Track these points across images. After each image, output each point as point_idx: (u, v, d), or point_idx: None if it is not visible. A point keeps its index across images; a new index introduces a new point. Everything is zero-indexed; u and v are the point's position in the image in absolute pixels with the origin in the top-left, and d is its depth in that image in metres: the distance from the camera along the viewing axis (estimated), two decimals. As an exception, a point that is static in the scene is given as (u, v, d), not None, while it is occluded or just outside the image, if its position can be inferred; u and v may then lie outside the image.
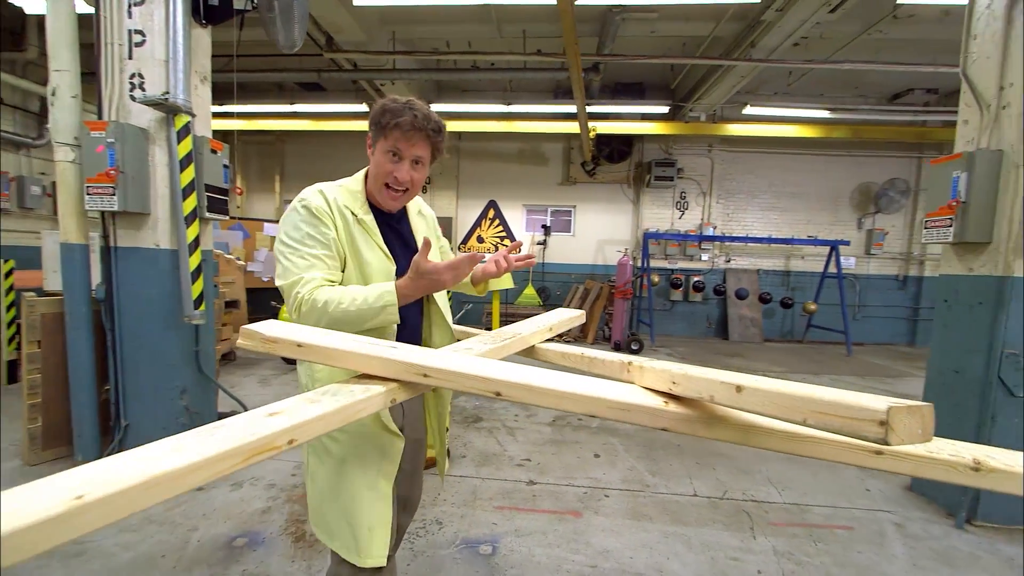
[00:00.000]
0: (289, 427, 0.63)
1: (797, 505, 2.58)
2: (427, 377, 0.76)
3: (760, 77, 7.15)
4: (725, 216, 8.86)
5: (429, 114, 1.13)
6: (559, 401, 0.71)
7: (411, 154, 1.14)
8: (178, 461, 0.52)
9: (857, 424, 0.47)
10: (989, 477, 0.62)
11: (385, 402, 0.76)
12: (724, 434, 0.67)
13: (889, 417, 0.44)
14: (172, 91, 2.57)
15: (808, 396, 0.51)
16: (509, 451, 3.18)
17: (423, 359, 0.77)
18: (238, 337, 0.84)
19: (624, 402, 0.69)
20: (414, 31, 6.19)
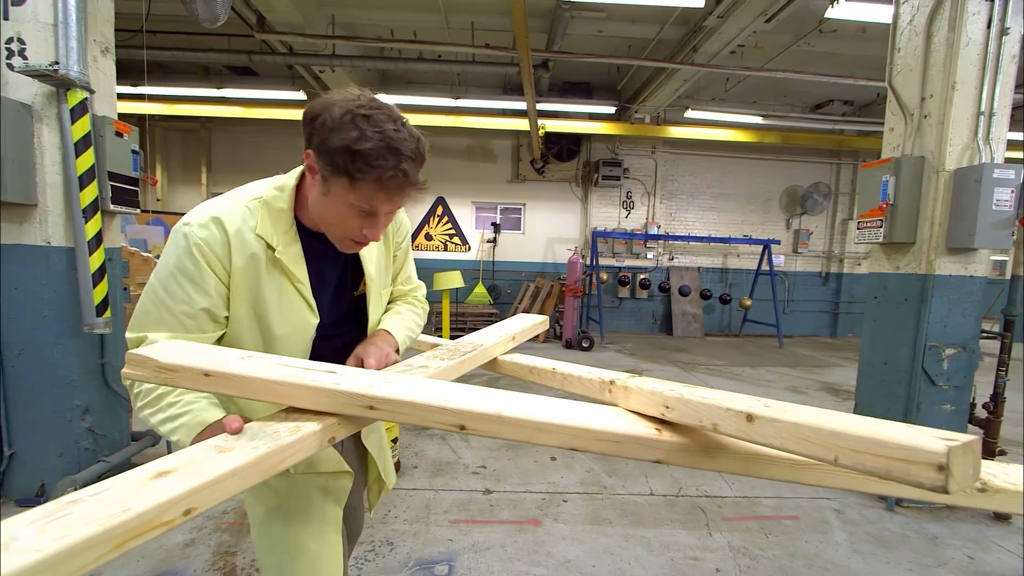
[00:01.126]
0: (184, 493, 0.47)
1: (747, 498, 2.65)
2: (374, 410, 0.62)
3: (700, 82, 7.43)
4: (668, 216, 9.17)
5: (417, 149, 0.80)
6: (535, 434, 0.60)
7: (389, 209, 0.83)
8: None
9: (907, 467, 0.39)
10: (996, 498, 0.58)
11: (321, 443, 0.62)
12: (728, 465, 0.59)
13: (950, 460, 0.37)
14: (63, 61, 2.19)
15: (839, 431, 0.43)
16: (464, 458, 3.05)
17: (369, 387, 0.63)
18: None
19: (613, 433, 0.59)
20: (355, 15, 5.84)
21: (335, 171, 0.77)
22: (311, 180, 0.84)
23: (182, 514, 0.47)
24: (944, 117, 2.46)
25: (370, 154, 0.74)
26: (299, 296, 0.88)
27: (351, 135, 0.74)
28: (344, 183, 0.77)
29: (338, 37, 5.58)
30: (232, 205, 0.85)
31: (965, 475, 0.38)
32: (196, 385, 0.65)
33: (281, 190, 0.88)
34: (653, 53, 6.50)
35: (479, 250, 9.01)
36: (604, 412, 0.63)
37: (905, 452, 0.39)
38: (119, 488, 0.47)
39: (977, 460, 0.40)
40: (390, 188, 0.78)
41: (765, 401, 0.54)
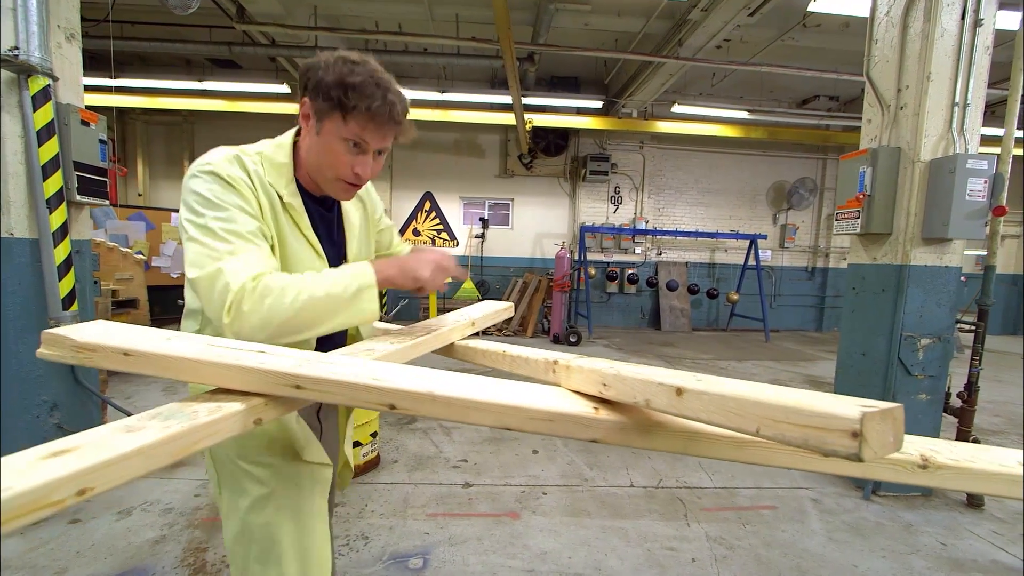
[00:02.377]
0: (78, 472, 0.44)
1: (727, 488, 2.66)
2: (300, 389, 0.60)
3: (687, 77, 7.44)
4: (656, 211, 9.19)
5: (402, 94, 0.86)
6: (466, 413, 0.58)
7: (378, 146, 0.87)
8: None
9: (822, 435, 0.37)
10: (938, 475, 0.57)
11: (244, 424, 0.59)
12: (664, 444, 0.57)
13: (863, 426, 0.35)
14: (23, 47, 2.12)
15: (761, 400, 0.42)
16: (445, 452, 3.03)
17: (296, 366, 0.60)
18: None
19: (547, 411, 0.57)
20: (338, 7, 5.76)
21: (328, 106, 0.82)
22: (305, 130, 0.89)
23: (75, 494, 0.44)
24: (920, 108, 2.47)
25: (360, 86, 0.80)
26: (307, 243, 0.91)
27: (343, 70, 0.80)
28: (337, 118, 0.82)
29: (321, 28, 5.50)
30: (242, 152, 0.88)
31: (883, 443, 0.37)
32: (114, 365, 0.62)
33: (280, 147, 0.93)
34: (639, 47, 6.50)
35: (467, 245, 8.97)
36: (540, 391, 0.61)
37: (821, 420, 0.37)
38: (6, 467, 0.44)
39: (898, 429, 0.39)
40: (379, 119, 0.82)
41: (698, 376, 0.52)
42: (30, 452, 0.47)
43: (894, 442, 0.38)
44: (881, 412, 0.37)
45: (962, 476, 0.56)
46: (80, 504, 2.31)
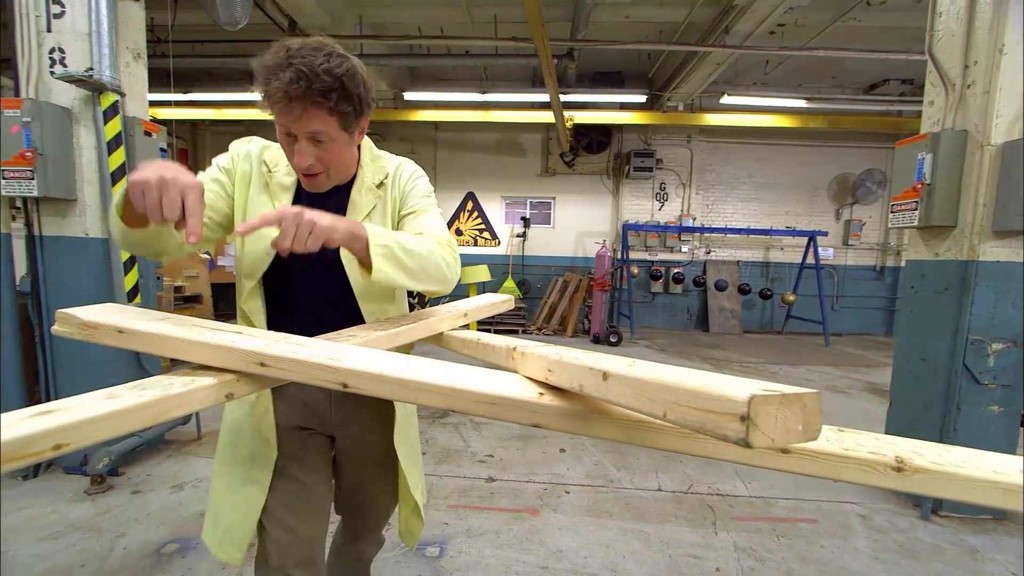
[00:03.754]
0: (56, 428, 0.50)
1: (762, 498, 2.51)
2: (265, 367, 0.63)
3: (737, 66, 7.09)
4: (705, 207, 8.82)
5: (315, 66, 0.77)
6: (417, 395, 0.59)
7: (303, 131, 0.83)
8: None
9: (716, 419, 0.35)
10: (914, 479, 0.52)
11: (216, 397, 0.63)
12: (605, 431, 0.56)
13: (751, 410, 0.33)
14: (97, 67, 2.38)
15: (668, 384, 0.40)
16: (472, 447, 3.07)
17: (264, 347, 0.64)
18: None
19: (491, 395, 0.57)
20: (382, 15, 5.98)
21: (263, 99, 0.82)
22: None
23: (51, 448, 0.50)
24: (991, 85, 2.21)
25: (265, 68, 0.78)
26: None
27: (263, 58, 0.79)
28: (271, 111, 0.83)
29: (366, 36, 5.73)
30: (256, 138, 1.05)
31: (785, 431, 0.34)
32: (112, 341, 0.69)
33: None
34: (683, 37, 6.26)
35: (509, 244, 9.02)
36: (490, 376, 0.61)
37: (715, 403, 0.35)
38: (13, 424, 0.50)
39: (811, 417, 0.36)
40: (278, 101, 0.78)
41: (630, 361, 0.50)
42: (23, 411, 0.53)
43: (804, 431, 0.35)
44: (782, 397, 0.34)
45: (944, 482, 0.51)
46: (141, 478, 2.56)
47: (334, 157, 0.90)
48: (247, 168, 0.99)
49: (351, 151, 0.96)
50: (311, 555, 1.00)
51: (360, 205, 1.01)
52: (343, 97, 0.82)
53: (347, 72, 0.82)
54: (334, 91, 0.80)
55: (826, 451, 0.53)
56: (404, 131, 8.74)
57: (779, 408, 0.34)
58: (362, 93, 0.86)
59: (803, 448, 0.53)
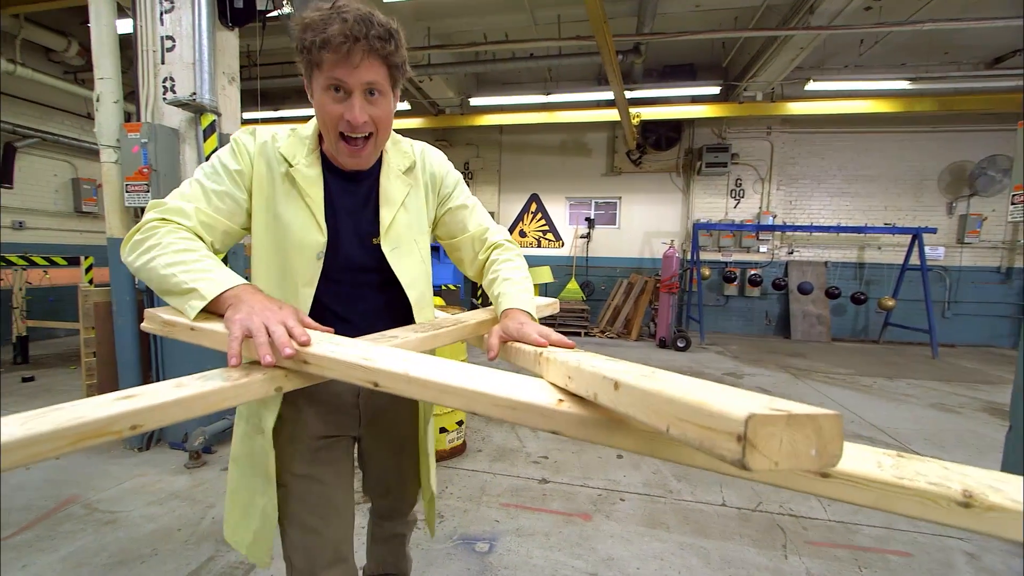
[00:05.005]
0: (134, 411, 0.58)
1: (844, 524, 2.27)
2: (307, 364, 0.69)
3: (825, 49, 6.48)
4: (787, 204, 8.15)
5: (368, 15, 0.78)
6: (439, 396, 0.61)
7: (359, 82, 0.80)
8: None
9: (713, 437, 0.33)
10: (986, 517, 0.45)
11: (266, 390, 0.70)
12: (624, 442, 0.54)
13: (748, 430, 0.30)
14: (199, 92, 2.70)
15: (673, 397, 0.38)
16: (528, 447, 3.08)
17: (302, 348, 0.70)
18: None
19: (510, 399, 0.58)
20: (449, 25, 6.19)
21: (306, 61, 0.82)
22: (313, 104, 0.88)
23: (129, 428, 0.58)
24: None
25: (317, 22, 0.78)
26: (310, 213, 0.91)
27: (306, 17, 0.79)
28: (314, 70, 0.82)
29: (434, 47, 5.96)
30: (272, 129, 0.97)
31: (790, 453, 0.31)
32: (185, 337, 0.78)
33: (308, 123, 0.97)
34: (762, 22, 5.83)
35: (572, 246, 8.94)
36: (512, 380, 0.62)
37: (713, 420, 0.33)
38: (91, 404, 0.59)
39: (829, 442, 0.32)
40: (338, 46, 0.76)
41: (650, 370, 0.48)
42: (110, 395, 0.62)
43: (818, 457, 0.32)
44: (788, 417, 0.31)
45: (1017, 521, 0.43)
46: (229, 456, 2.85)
47: (385, 116, 0.87)
48: (264, 167, 0.92)
49: (392, 119, 0.92)
50: (340, 554, 1.00)
51: (392, 194, 0.98)
52: (396, 48, 0.82)
53: (396, 27, 0.83)
54: (390, 40, 0.80)
55: (876, 478, 0.47)
56: (470, 136, 8.97)
57: (785, 430, 0.31)
58: (405, 53, 0.85)
59: (847, 473, 0.47)
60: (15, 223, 6.31)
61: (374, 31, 0.78)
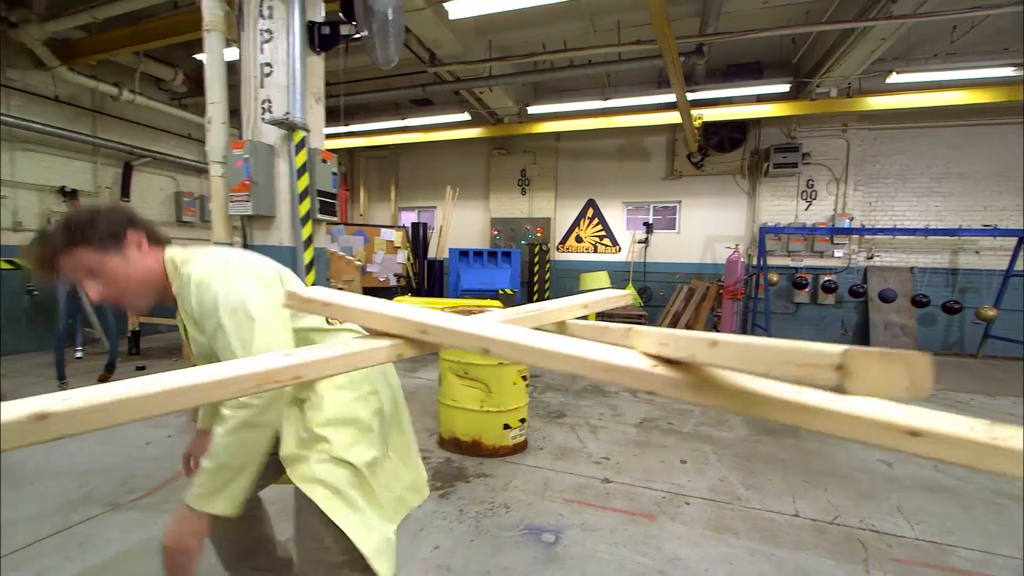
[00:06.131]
0: (296, 364, 0.71)
1: (935, 544, 2.12)
2: (426, 333, 0.80)
3: (910, 38, 6.03)
4: (866, 205, 7.59)
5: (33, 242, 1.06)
6: (542, 358, 0.70)
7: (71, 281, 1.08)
8: (197, 379, 0.63)
9: (812, 370, 0.39)
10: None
11: (390, 356, 0.82)
12: (716, 400, 0.59)
13: (846, 360, 0.36)
14: (291, 111, 3.00)
15: (771, 346, 0.44)
16: (588, 448, 3.11)
17: (425, 317, 0.81)
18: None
19: (608, 363, 0.65)
20: (509, 37, 6.39)
21: None
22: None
23: (293, 377, 0.72)
24: None
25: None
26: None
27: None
28: None
29: (495, 59, 6.18)
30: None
31: (882, 384, 0.36)
32: (320, 311, 0.92)
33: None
34: (837, 15, 5.54)
35: (630, 251, 8.83)
36: (608, 348, 0.69)
37: (812, 357, 0.39)
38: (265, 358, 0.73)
39: (921, 376, 0.37)
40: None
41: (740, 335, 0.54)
42: (275, 354, 0.77)
43: (910, 388, 0.37)
44: (881, 353, 0.36)
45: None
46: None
47: (98, 288, 1.08)
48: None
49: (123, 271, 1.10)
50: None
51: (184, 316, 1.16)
52: (57, 248, 1.03)
53: (55, 240, 1.04)
54: (51, 254, 1.04)
55: (969, 438, 0.50)
56: (527, 143, 9.14)
57: (878, 363, 0.37)
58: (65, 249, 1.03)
59: (937, 432, 0.50)
60: (130, 232, 7.20)
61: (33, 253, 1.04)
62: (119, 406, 0.59)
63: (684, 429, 3.49)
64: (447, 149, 9.68)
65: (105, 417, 0.57)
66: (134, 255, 1.09)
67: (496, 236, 9.56)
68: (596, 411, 3.90)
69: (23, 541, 1.95)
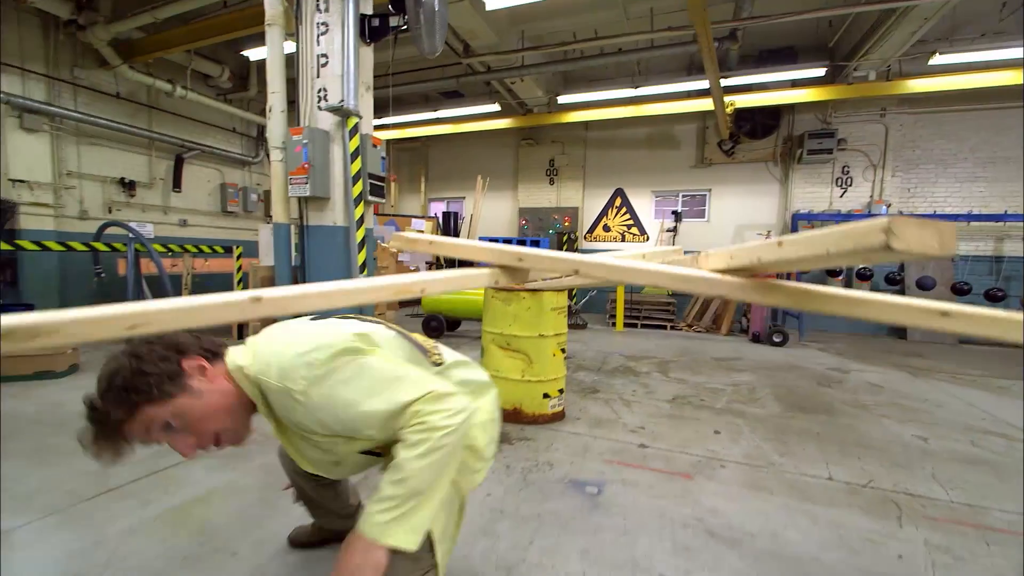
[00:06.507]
0: (421, 280, 0.88)
1: (971, 506, 2.18)
2: (521, 260, 0.96)
3: (954, 17, 5.87)
4: (904, 191, 7.43)
5: (94, 405, 0.89)
6: (628, 275, 0.85)
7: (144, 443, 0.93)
8: (355, 286, 0.81)
9: (865, 236, 0.52)
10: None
11: (489, 281, 0.98)
12: (777, 299, 0.73)
13: (891, 224, 0.50)
14: (345, 99, 3.21)
15: (829, 231, 0.58)
16: (624, 419, 3.24)
17: (519, 248, 0.97)
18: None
19: (683, 275, 0.79)
20: (542, 27, 6.49)
21: None
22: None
23: (420, 291, 0.89)
24: None
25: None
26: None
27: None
28: None
29: (527, 49, 6.30)
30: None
31: (921, 243, 0.50)
32: (424, 249, 1.09)
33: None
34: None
35: (658, 240, 8.84)
36: (682, 268, 0.83)
37: (862, 229, 0.53)
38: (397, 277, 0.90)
39: (947, 238, 0.50)
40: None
41: (802, 237, 0.67)
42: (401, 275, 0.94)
43: (940, 247, 0.50)
44: (919, 220, 0.50)
45: None
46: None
47: (181, 441, 0.96)
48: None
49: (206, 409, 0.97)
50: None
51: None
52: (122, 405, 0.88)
53: (102, 399, 0.89)
54: (109, 411, 0.88)
55: (991, 315, 0.62)
56: (555, 133, 9.23)
57: (916, 228, 0.50)
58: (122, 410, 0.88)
59: (964, 312, 0.63)
60: (180, 220, 7.65)
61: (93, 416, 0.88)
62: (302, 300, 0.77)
63: (716, 405, 3.59)
64: (476, 140, 9.85)
65: (299, 304, 0.75)
66: (203, 386, 0.95)
67: (524, 226, 9.71)
68: (628, 388, 4.02)
69: (121, 480, 2.22)
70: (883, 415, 3.45)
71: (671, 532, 1.89)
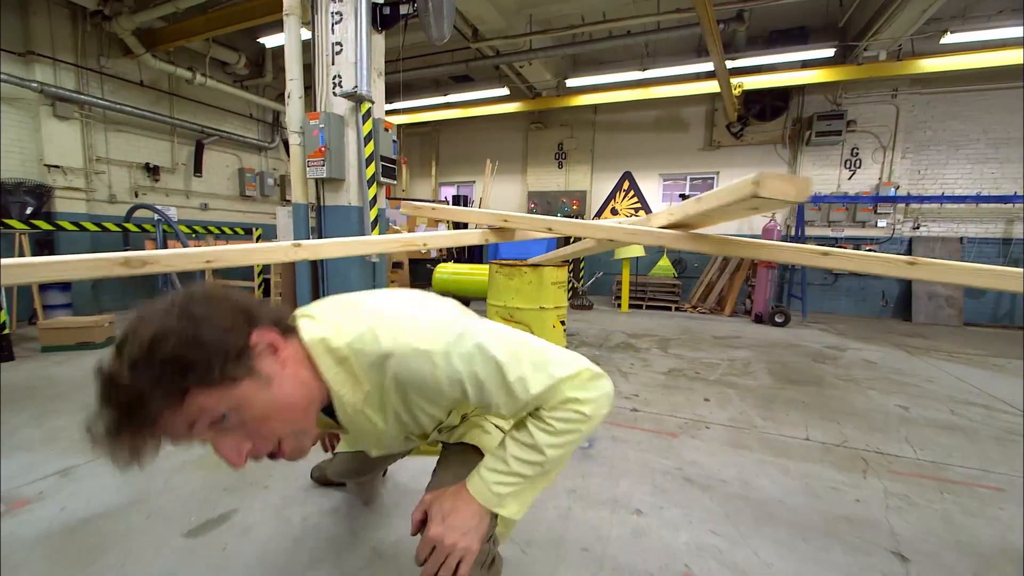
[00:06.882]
0: (423, 236, 1.09)
1: (935, 463, 2.35)
2: (507, 221, 1.15)
3: (968, -6, 5.78)
4: (914, 173, 7.39)
5: (119, 381, 0.64)
6: (590, 230, 1.04)
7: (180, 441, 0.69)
8: (370, 238, 1.01)
9: (743, 188, 0.71)
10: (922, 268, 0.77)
11: (481, 239, 1.18)
12: (705, 246, 0.92)
13: (760, 177, 0.68)
14: (359, 85, 3.40)
15: (725, 187, 0.76)
16: (619, 388, 3.44)
17: (504, 213, 1.16)
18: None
19: (631, 229, 0.98)
20: (548, 10, 6.55)
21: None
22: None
23: (423, 244, 1.09)
24: None
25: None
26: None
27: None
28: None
29: (535, 33, 6.38)
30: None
31: (780, 190, 0.68)
32: (428, 215, 1.29)
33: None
34: (887, -27, 5.39)
35: (664, 223, 8.91)
36: (632, 223, 1.02)
37: (743, 183, 0.71)
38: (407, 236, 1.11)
39: (800, 188, 0.69)
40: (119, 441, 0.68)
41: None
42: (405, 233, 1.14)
43: (796, 194, 0.69)
44: (780, 175, 0.68)
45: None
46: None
47: (230, 445, 0.73)
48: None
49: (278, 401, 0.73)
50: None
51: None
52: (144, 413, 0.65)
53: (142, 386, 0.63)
54: (131, 409, 0.64)
55: (958, 265, 0.81)
56: (564, 117, 9.29)
57: (778, 181, 0.68)
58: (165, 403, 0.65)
59: (930, 261, 0.82)
60: (201, 204, 7.95)
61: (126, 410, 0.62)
62: (330, 247, 0.98)
63: (710, 377, 3.77)
64: (486, 124, 9.96)
65: (329, 250, 0.96)
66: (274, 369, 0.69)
67: (533, 209, 9.84)
68: (627, 362, 4.22)
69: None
70: (871, 388, 3.60)
71: (651, 478, 2.10)
